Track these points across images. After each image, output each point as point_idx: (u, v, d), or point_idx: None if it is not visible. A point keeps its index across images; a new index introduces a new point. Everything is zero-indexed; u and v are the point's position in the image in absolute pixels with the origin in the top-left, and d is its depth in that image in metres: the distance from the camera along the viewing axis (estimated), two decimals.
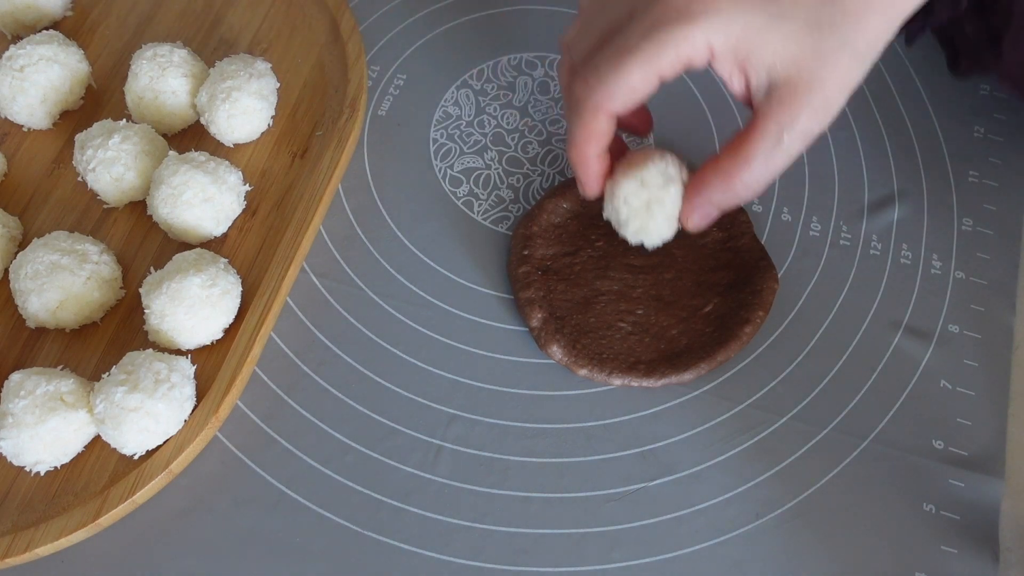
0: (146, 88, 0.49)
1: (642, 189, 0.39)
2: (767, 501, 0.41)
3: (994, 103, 0.51)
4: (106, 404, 0.40)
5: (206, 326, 0.43)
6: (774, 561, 0.39)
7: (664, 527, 0.40)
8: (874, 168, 0.49)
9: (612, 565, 0.39)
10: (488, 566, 0.40)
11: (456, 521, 0.41)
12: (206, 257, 0.44)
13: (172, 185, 0.45)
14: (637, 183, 0.39)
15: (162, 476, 0.40)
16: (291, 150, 0.50)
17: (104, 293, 0.44)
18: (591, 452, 0.42)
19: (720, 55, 0.36)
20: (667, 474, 0.41)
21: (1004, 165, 0.49)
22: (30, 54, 0.49)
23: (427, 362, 0.44)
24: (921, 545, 0.39)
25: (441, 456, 0.42)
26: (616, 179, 0.40)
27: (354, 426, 0.43)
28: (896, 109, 0.51)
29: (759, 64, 0.36)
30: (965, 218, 0.48)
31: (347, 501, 0.41)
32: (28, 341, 0.45)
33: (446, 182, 0.50)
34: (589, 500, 0.41)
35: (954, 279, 0.46)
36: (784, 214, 0.48)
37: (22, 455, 0.40)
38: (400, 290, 0.46)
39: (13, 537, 0.39)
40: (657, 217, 0.40)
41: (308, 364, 0.44)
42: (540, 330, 0.44)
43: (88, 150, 0.46)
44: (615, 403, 0.43)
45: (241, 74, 0.48)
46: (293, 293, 0.46)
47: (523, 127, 0.51)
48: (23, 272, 0.43)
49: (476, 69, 0.53)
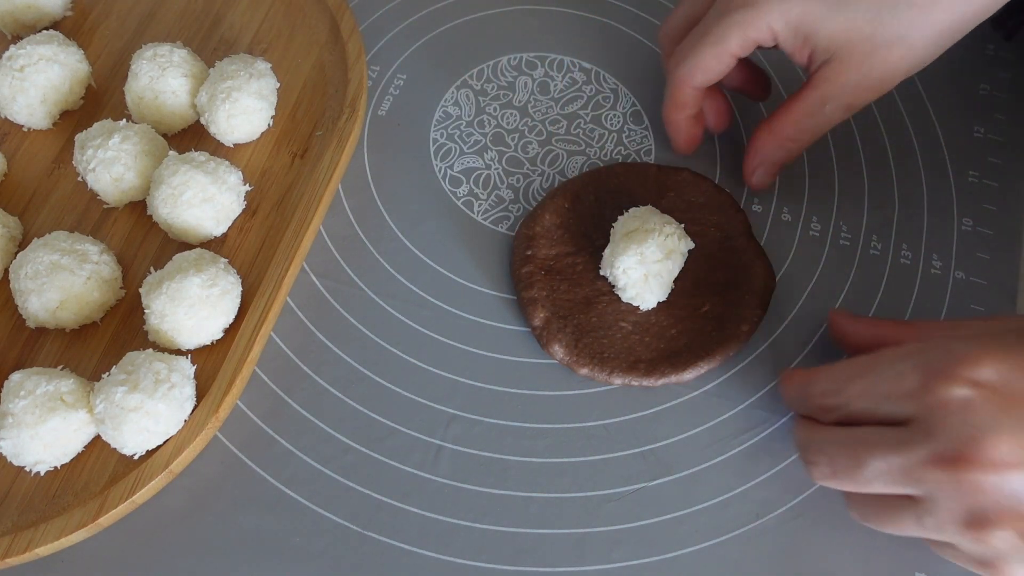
0: (146, 88, 0.49)
1: (640, 265, 0.42)
2: (767, 501, 0.41)
3: (994, 103, 0.51)
4: (106, 404, 0.40)
5: (206, 326, 0.43)
6: (774, 561, 0.39)
7: (664, 527, 0.40)
8: (874, 168, 0.49)
9: (612, 565, 0.39)
10: (488, 566, 0.40)
11: (456, 521, 0.41)
12: (206, 257, 0.44)
13: (172, 185, 0.45)
14: (637, 258, 0.42)
15: (162, 476, 0.40)
16: (291, 150, 0.50)
17: (104, 293, 0.44)
18: (591, 452, 0.42)
19: (782, 36, 0.41)
20: (667, 474, 0.41)
21: (1004, 165, 0.49)
22: (30, 54, 0.49)
23: (427, 362, 0.44)
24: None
25: (441, 456, 0.42)
26: (616, 248, 0.43)
27: (354, 426, 0.43)
28: (896, 109, 0.51)
29: (816, 42, 0.40)
30: (965, 218, 0.48)
31: (347, 501, 0.41)
32: (28, 341, 0.45)
33: (446, 182, 0.50)
34: (589, 500, 0.41)
35: (954, 279, 0.46)
36: (784, 214, 0.48)
37: (22, 455, 0.40)
38: (400, 290, 0.46)
39: (13, 537, 0.39)
40: (653, 287, 0.43)
41: (308, 364, 0.44)
42: (542, 329, 0.44)
43: (88, 150, 0.46)
44: (615, 403, 0.43)
45: (241, 74, 0.48)
46: (293, 293, 0.46)
47: (523, 127, 0.51)
48: (23, 272, 0.43)
49: (476, 69, 0.53)
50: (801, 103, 0.43)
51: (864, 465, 0.33)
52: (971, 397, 0.31)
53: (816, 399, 0.37)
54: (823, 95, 0.42)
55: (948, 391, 0.31)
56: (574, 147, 0.50)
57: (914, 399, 0.32)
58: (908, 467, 0.32)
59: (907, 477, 0.32)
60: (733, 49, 0.42)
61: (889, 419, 0.33)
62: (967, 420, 0.31)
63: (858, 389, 0.35)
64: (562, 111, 0.52)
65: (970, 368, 0.31)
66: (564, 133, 0.51)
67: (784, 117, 0.44)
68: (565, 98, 0.52)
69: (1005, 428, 0.30)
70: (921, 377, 0.32)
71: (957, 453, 0.31)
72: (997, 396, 0.31)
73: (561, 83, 0.53)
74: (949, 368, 0.32)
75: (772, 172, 0.46)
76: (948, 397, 0.31)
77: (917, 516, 0.33)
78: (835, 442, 0.35)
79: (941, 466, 0.31)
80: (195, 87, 0.50)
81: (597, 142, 0.51)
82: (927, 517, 0.32)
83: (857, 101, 0.42)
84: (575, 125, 0.51)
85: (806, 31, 0.40)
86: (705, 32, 0.42)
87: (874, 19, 0.39)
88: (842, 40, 0.40)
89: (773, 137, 0.44)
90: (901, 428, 0.33)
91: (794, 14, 0.40)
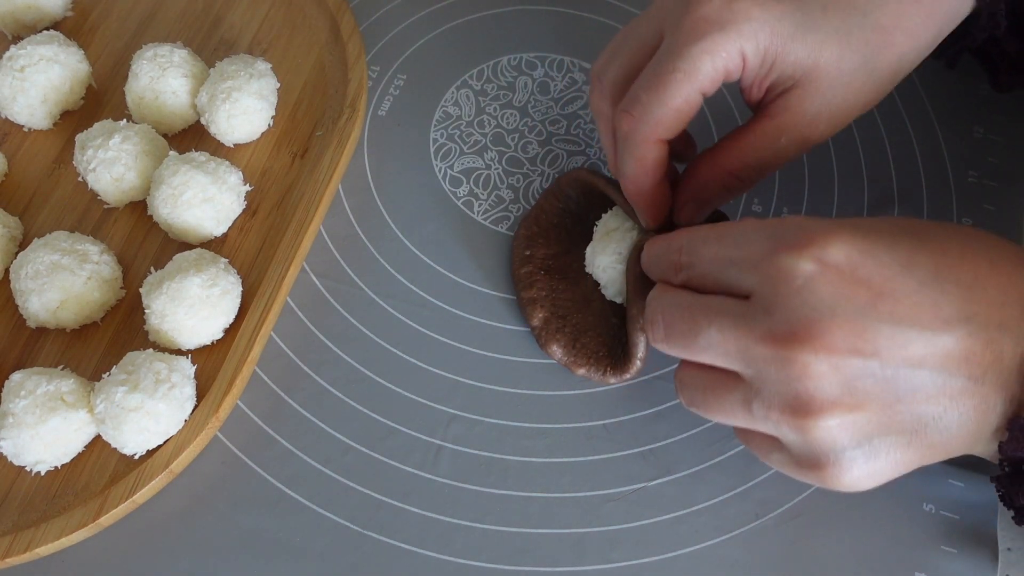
0: (146, 88, 0.49)
1: (619, 262, 0.42)
2: (767, 501, 0.41)
3: (994, 103, 0.51)
4: (106, 404, 0.40)
5: (206, 326, 0.43)
6: (774, 561, 0.39)
7: (664, 527, 0.40)
8: (874, 168, 0.49)
9: (612, 565, 0.39)
10: (488, 566, 0.40)
11: (456, 521, 0.41)
12: (206, 257, 0.44)
13: (172, 185, 0.45)
14: (615, 257, 0.42)
15: (162, 476, 0.41)
16: (291, 150, 0.50)
17: (104, 293, 0.44)
18: (591, 452, 0.42)
19: (751, 62, 0.36)
20: (667, 474, 0.41)
21: (1004, 165, 0.49)
22: (31, 54, 0.49)
23: (427, 362, 0.44)
24: (921, 545, 0.39)
25: (441, 456, 0.42)
26: (596, 246, 0.43)
27: (354, 426, 0.43)
28: (896, 109, 0.51)
29: (782, 69, 0.36)
30: (965, 218, 0.48)
31: (347, 501, 0.41)
32: (28, 341, 0.45)
33: (446, 182, 0.50)
34: (589, 500, 0.41)
35: None
36: (784, 214, 0.48)
37: (23, 455, 0.40)
38: (400, 290, 0.46)
39: (13, 537, 0.39)
40: None
41: (308, 364, 0.44)
42: (541, 330, 0.44)
43: (88, 150, 0.46)
44: (615, 403, 0.43)
45: (241, 74, 0.48)
46: (293, 293, 0.46)
47: (523, 127, 0.51)
48: (24, 272, 0.43)
49: (476, 69, 0.53)
50: (753, 135, 0.37)
51: (700, 332, 0.32)
52: (814, 274, 0.30)
53: (670, 255, 0.35)
54: (780, 125, 0.37)
55: (793, 264, 0.30)
56: (574, 147, 0.50)
57: (758, 269, 0.31)
58: (742, 340, 0.31)
59: (740, 352, 0.31)
60: (704, 84, 0.35)
61: (733, 289, 0.32)
62: (806, 300, 0.30)
63: (709, 251, 0.33)
64: (562, 111, 0.52)
65: (819, 246, 0.30)
66: (564, 133, 0.51)
67: (730, 149, 0.38)
68: (565, 98, 0.52)
69: (843, 313, 0.29)
70: (769, 244, 0.31)
71: (791, 332, 0.30)
72: (842, 278, 0.30)
73: (561, 83, 0.53)
74: (798, 241, 0.31)
75: (704, 210, 0.40)
76: (792, 271, 0.30)
77: (745, 398, 0.32)
78: (677, 305, 0.34)
79: (773, 344, 0.30)
80: (195, 87, 0.50)
81: (597, 142, 0.51)
82: (755, 400, 0.31)
83: (814, 134, 0.37)
84: (575, 125, 0.51)
85: (773, 55, 0.36)
86: (669, 69, 0.35)
87: (841, 43, 0.36)
88: (808, 66, 0.36)
89: (715, 171, 0.38)
90: (742, 301, 0.32)
91: (764, 35, 0.35)
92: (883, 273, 0.30)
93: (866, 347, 0.29)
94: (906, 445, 0.31)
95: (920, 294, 0.30)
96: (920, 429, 0.30)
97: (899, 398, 0.30)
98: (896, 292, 0.30)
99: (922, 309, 0.30)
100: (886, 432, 0.30)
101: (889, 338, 0.29)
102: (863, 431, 0.30)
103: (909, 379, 0.30)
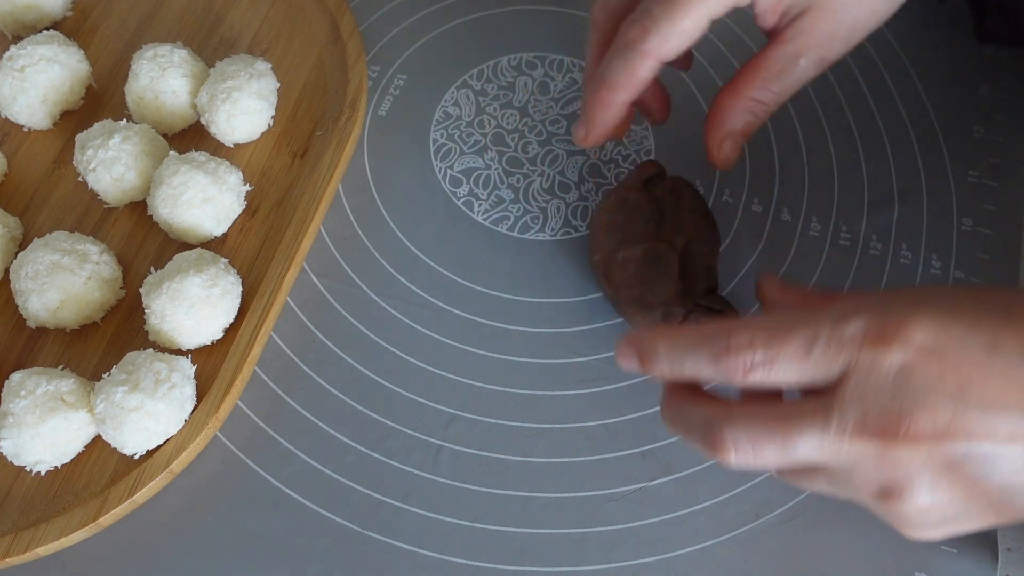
0: (146, 88, 0.49)
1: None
2: (767, 501, 0.41)
3: (994, 103, 0.51)
4: (106, 404, 0.40)
5: (206, 326, 0.43)
6: (774, 561, 0.39)
7: (664, 527, 0.40)
8: (874, 168, 0.49)
9: (612, 565, 0.39)
10: (488, 566, 0.40)
11: (456, 521, 0.41)
12: (206, 257, 0.44)
13: (172, 185, 0.45)
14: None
15: (162, 476, 0.41)
16: (291, 150, 0.50)
17: (104, 293, 0.44)
18: (591, 452, 0.42)
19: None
20: (667, 474, 0.41)
21: (1004, 165, 0.49)
22: (31, 54, 0.49)
23: (427, 362, 0.44)
24: (921, 545, 0.39)
25: (441, 456, 0.42)
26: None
27: (354, 426, 0.43)
28: (896, 109, 0.51)
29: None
30: (965, 218, 0.48)
31: (347, 501, 0.41)
32: (28, 341, 0.45)
33: (446, 182, 0.50)
34: (589, 500, 0.41)
35: (954, 279, 0.46)
36: (784, 214, 0.48)
37: (23, 455, 0.40)
38: (400, 290, 0.46)
39: (13, 537, 0.39)
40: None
41: (308, 364, 0.44)
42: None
43: (88, 150, 0.46)
44: (615, 403, 0.43)
45: (241, 74, 0.48)
46: (293, 293, 0.46)
47: (523, 127, 0.51)
48: (24, 272, 0.43)
49: (476, 69, 0.53)
50: (771, 59, 0.39)
51: (792, 445, 0.30)
52: (904, 365, 0.29)
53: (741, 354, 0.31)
54: (798, 48, 0.38)
55: (882, 356, 0.30)
56: (574, 147, 0.50)
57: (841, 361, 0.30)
58: (835, 445, 0.30)
59: (832, 454, 0.30)
60: (714, 10, 0.37)
61: (809, 385, 0.31)
62: (896, 392, 0.29)
63: (791, 347, 0.31)
64: (562, 111, 0.52)
65: (904, 336, 0.30)
66: (564, 133, 0.51)
67: (751, 77, 0.39)
68: (565, 98, 0.52)
69: (934, 402, 0.29)
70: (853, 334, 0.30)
71: (883, 426, 0.29)
72: (929, 366, 0.29)
73: (561, 83, 0.53)
74: (885, 332, 0.30)
75: (739, 144, 0.41)
76: (880, 364, 0.30)
77: (831, 483, 0.32)
78: (754, 417, 0.31)
79: (866, 439, 0.30)
80: (195, 87, 0.50)
81: None
82: (842, 485, 0.31)
83: (830, 54, 0.39)
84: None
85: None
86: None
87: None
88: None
89: (738, 98, 0.40)
90: (823, 400, 0.30)
91: None
92: (970, 357, 0.30)
93: (958, 434, 0.29)
94: (989, 512, 0.31)
95: (1007, 377, 0.30)
96: (1007, 500, 0.30)
97: (987, 475, 0.30)
98: (984, 376, 0.30)
99: (1008, 393, 0.29)
100: (970, 501, 0.30)
101: (979, 422, 0.29)
102: (950, 509, 0.30)
103: (997, 456, 0.30)
